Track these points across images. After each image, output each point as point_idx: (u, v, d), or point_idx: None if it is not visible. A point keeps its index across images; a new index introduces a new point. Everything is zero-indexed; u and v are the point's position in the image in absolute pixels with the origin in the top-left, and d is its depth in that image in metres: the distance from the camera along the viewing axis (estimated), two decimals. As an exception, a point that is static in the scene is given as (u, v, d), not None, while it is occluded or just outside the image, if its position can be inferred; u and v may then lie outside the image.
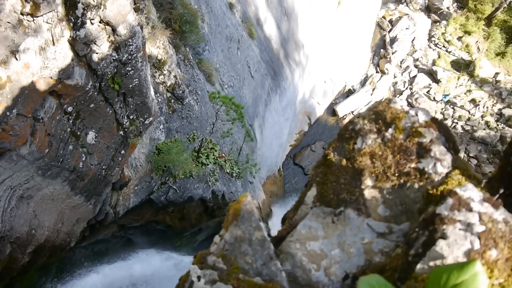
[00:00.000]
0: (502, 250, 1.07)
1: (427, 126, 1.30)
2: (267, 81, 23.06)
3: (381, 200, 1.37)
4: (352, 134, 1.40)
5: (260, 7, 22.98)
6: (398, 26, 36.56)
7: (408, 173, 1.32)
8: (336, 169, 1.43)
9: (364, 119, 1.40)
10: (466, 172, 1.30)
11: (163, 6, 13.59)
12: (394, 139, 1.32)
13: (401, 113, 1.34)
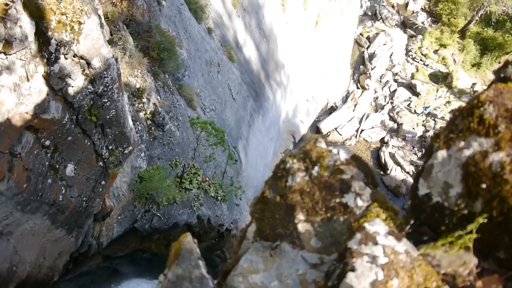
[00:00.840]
0: (403, 279, 1.17)
1: (348, 163, 1.41)
2: (249, 103, 23.28)
3: (313, 233, 1.47)
4: (283, 172, 1.50)
5: (238, 30, 23.36)
6: (375, 42, 37.38)
7: (334, 207, 1.42)
8: (272, 206, 1.53)
9: (294, 158, 1.51)
10: (384, 204, 1.40)
11: (140, 35, 13.76)
12: (320, 177, 1.43)
13: (325, 152, 1.45)
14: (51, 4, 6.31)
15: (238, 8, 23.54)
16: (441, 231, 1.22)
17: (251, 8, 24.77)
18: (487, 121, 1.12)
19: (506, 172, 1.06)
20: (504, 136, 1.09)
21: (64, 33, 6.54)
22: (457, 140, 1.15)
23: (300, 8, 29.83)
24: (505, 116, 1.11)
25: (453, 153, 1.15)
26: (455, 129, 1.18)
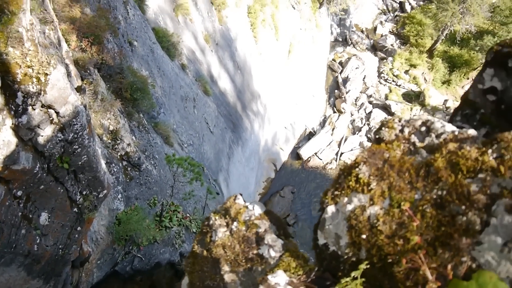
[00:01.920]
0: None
1: (261, 218, 1.55)
2: (227, 134, 23.48)
3: (238, 282, 1.59)
4: (208, 228, 1.64)
5: (212, 64, 23.79)
6: (348, 66, 38.36)
7: (252, 258, 1.55)
8: (200, 260, 1.65)
9: (216, 215, 1.64)
10: (294, 254, 1.54)
11: (112, 77, 13.93)
12: (238, 231, 1.56)
13: (242, 208, 1.59)
14: (16, 58, 6.44)
15: (211, 43, 24.05)
16: (339, 277, 1.35)
17: (223, 42, 25.33)
18: (362, 180, 1.28)
19: (380, 224, 1.21)
20: (376, 192, 1.24)
21: (31, 85, 6.65)
22: (341, 197, 1.31)
23: (272, 39, 30.59)
24: (376, 175, 1.27)
25: (340, 208, 1.30)
26: (339, 187, 1.33)
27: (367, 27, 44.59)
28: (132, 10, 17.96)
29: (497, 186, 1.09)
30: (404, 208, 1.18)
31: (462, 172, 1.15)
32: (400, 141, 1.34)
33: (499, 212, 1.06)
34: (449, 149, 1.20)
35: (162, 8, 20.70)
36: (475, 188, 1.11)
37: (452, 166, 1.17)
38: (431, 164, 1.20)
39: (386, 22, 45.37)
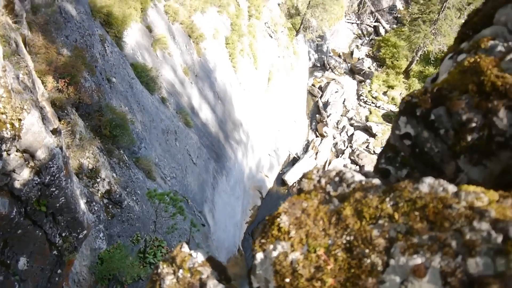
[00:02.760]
0: None
1: (204, 265, 1.65)
2: (211, 165, 23.53)
3: (186, 327, 1.68)
4: (157, 277, 1.73)
5: (192, 96, 24.05)
6: (327, 91, 39.05)
7: (197, 304, 1.64)
8: (152, 307, 1.74)
9: (164, 263, 1.74)
10: (237, 297, 1.66)
11: (91, 115, 13.99)
12: (184, 278, 1.66)
13: (187, 256, 1.69)
14: (-11, 105, 6.52)
15: (190, 75, 24.38)
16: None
17: (203, 73, 25.69)
18: (283, 229, 1.40)
19: (301, 268, 1.32)
20: (295, 239, 1.36)
21: (5, 131, 6.70)
22: (267, 244, 1.42)
23: (251, 68, 31.12)
24: (295, 223, 1.39)
25: (267, 255, 1.42)
26: (265, 236, 1.45)
27: (344, 52, 45.72)
28: (110, 47, 18.21)
29: (393, 231, 1.21)
30: (320, 253, 1.30)
31: (366, 219, 1.28)
32: (317, 191, 1.47)
33: (396, 254, 1.19)
34: (356, 198, 1.33)
35: (140, 43, 21.02)
36: (376, 233, 1.24)
37: (358, 213, 1.30)
38: (341, 212, 1.33)
39: (362, 46, 46.58)
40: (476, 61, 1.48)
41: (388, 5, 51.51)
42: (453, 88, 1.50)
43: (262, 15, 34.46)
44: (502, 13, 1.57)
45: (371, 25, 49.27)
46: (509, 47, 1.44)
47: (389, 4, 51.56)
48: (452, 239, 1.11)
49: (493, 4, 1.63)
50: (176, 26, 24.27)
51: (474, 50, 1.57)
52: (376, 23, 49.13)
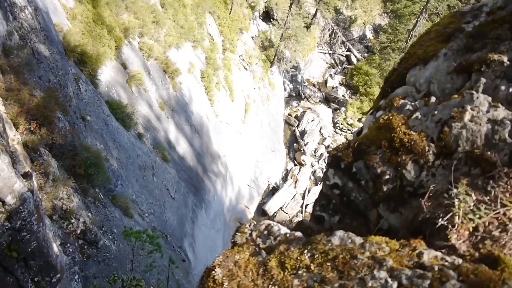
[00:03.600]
0: None
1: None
2: (190, 199, 23.42)
3: None
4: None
5: (169, 130, 24.14)
6: (304, 120, 39.68)
7: None
8: None
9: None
10: None
11: (65, 154, 13.90)
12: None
13: None
14: (-43, 153, 6.50)
15: (166, 109, 24.54)
16: None
17: (179, 108, 25.89)
18: (217, 281, 1.53)
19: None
20: (228, 289, 1.50)
21: (-27, 178, 6.67)
22: (208, 295, 1.55)
23: (227, 100, 31.52)
24: (228, 275, 1.52)
25: (206, 304, 1.54)
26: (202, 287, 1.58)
27: (318, 81, 46.77)
28: (84, 86, 18.29)
29: (311, 280, 1.35)
30: (250, 302, 1.43)
31: (288, 269, 1.41)
32: (249, 243, 1.60)
33: (313, 301, 1.33)
34: (280, 250, 1.47)
35: (115, 80, 21.17)
36: (297, 282, 1.37)
37: (282, 264, 1.43)
38: (267, 264, 1.46)
39: (335, 75, 47.79)
40: (389, 119, 1.66)
41: (358, 34, 53.27)
42: (370, 143, 1.67)
43: (236, 48, 35.19)
44: (412, 74, 1.77)
45: (343, 54, 50.72)
46: (416, 106, 1.63)
47: (359, 34, 53.33)
48: (358, 287, 1.26)
49: (405, 65, 1.83)
50: (151, 62, 24.57)
51: (389, 108, 1.76)
52: (348, 53, 50.62)
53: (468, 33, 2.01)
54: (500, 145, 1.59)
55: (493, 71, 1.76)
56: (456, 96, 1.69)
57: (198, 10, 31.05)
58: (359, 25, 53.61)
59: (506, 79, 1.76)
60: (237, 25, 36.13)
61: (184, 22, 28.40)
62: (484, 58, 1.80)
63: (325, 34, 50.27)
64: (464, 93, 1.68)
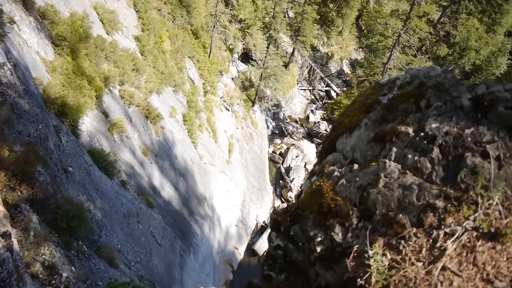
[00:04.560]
0: None
1: None
2: (177, 244, 23.14)
3: None
4: None
5: (153, 176, 24.11)
6: (288, 156, 40.01)
7: None
8: None
9: None
10: None
11: (47, 208, 13.79)
12: None
13: None
14: None
15: (149, 155, 24.60)
16: None
17: (162, 152, 25.98)
18: None
19: None
20: None
21: (-50, 242, 6.64)
22: None
23: (210, 142, 31.76)
24: None
25: None
26: None
27: (300, 117, 47.53)
28: (65, 137, 18.34)
29: None
30: None
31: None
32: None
33: None
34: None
35: (97, 129, 21.29)
36: None
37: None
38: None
39: (316, 110, 48.67)
40: (320, 185, 1.84)
41: (336, 70, 54.73)
42: (305, 208, 1.85)
43: (217, 90, 35.82)
44: (340, 142, 1.97)
45: (322, 89, 51.87)
46: (342, 173, 1.82)
47: (337, 69, 54.80)
48: None
49: (335, 133, 2.04)
50: (133, 108, 24.83)
51: (321, 173, 1.94)
52: (327, 88, 51.80)
53: (383, 105, 2.24)
54: (410, 207, 1.77)
55: (402, 141, 1.97)
56: (373, 164, 1.88)
57: (177, 56, 31.74)
58: (336, 61, 55.17)
59: (413, 149, 1.97)
60: (217, 67, 36.91)
61: (164, 68, 28.96)
62: (394, 129, 2.02)
63: (303, 71, 51.53)
64: (379, 161, 1.87)
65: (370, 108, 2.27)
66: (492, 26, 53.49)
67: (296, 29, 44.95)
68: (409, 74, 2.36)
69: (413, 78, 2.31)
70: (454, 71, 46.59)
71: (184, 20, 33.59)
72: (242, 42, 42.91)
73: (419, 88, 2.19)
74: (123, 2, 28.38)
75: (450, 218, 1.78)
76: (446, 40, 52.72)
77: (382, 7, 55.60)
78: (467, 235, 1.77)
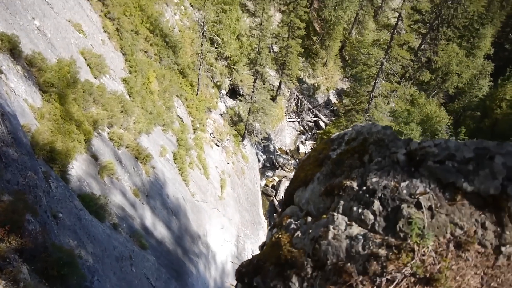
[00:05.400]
0: None
1: None
2: (172, 285, 22.77)
3: None
4: None
5: (145, 216, 23.96)
6: (281, 189, 40.02)
7: None
8: None
9: None
10: None
11: (36, 257, 13.65)
12: None
13: None
14: None
15: (141, 196, 24.51)
16: None
17: (153, 192, 25.90)
18: None
19: None
20: None
21: None
22: None
23: (202, 179, 31.76)
24: None
25: None
26: None
27: (291, 149, 47.88)
28: (55, 183, 18.30)
29: None
30: None
31: None
32: None
33: None
34: None
35: (86, 173, 21.28)
36: None
37: None
38: None
39: (306, 141, 49.10)
40: (278, 237, 1.98)
41: (323, 100, 55.61)
42: (266, 259, 1.98)
43: (206, 127, 36.13)
44: (297, 195, 2.12)
45: (311, 120, 52.51)
46: (298, 226, 1.96)
47: (324, 100, 55.68)
48: None
49: (293, 186, 2.19)
50: (122, 150, 24.92)
51: (280, 226, 2.09)
52: (315, 118, 52.47)
53: (333, 160, 2.42)
54: (356, 257, 1.91)
55: (348, 195, 2.14)
56: (324, 216, 2.02)
57: (165, 95, 32.16)
58: (322, 91, 56.13)
59: (357, 201, 2.13)
60: (205, 104, 37.37)
61: (152, 108, 29.28)
62: (341, 183, 2.18)
63: (291, 103, 52.28)
64: (329, 214, 2.02)
65: (322, 163, 2.44)
66: (472, 50, 55.08)
67: (281, 63, 45.90)
68: (355, 130, 2.55)
69: (357, 135, 2.49)
70: (438, 95, 47.59)
71: (171, 60, 34.22)
72: (229, 78, 43.65)
73: (363, 144, 2.37)
74: (109, 46, 28.96)
75: (391, 266, 1.92)
76: (428, 66, 54.07)
77: (364, 37, 57.25)
78: (406, 281, 1.91)
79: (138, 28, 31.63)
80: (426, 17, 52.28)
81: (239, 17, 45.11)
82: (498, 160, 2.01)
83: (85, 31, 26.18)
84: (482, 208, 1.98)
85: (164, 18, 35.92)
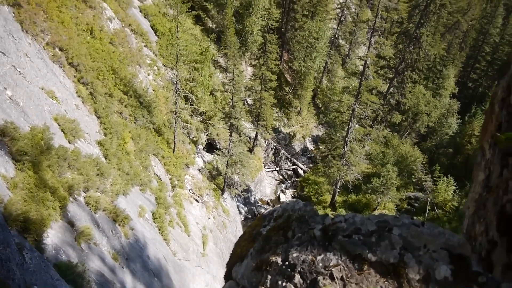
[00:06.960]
0: None
1: None
2: None
3: None
4: None
5: (126, 281, 23.28)
6: (264, 240, 39.60)
7: None
8: None
9: None
10: None
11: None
12: None
13: None
14: None
15: (120, 259, 23.92)
16: None
17: (134, 255, 25.33)
18: None
19: None
20: None
21: None
22: None
23: (183, 236, 31.29)
24: None
25: None
26: None
27: (271, 198, 47.84)
28: (29, 254, 17.80)
29: None
30: None
31: None
32: None
33: None
34: None
35: (62, 240, 20.79)
36: None
37: None
38: None
39: (286, 190, 49.24)
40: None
41: (300, 148, 56.42)
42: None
43: (185, 183, 36.03)
44: (234, 270, 2.30)
45: (289, 169, 52.94)
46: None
47: (301, 147, 56.51)
48: None
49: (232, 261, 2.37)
50: (99, 214, 24.56)
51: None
52: (294, 166, 52.95)
53: (263, 236, 2.65)
54: None
55: (274, 269, 2.34)
56: (256, 291, 2.21)
57: (142, 155, 32.23)
58: (299, 139, 57.06)
59: (282, 276, 2.34)
60: (183, 161, 37.47)
61: (129, 169, 29.23)
62: (268, 259, 2.39)
63: (269, 153, 52.84)
64: (258, 289, 2.21)
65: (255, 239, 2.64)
66: (438, 90, 57.41)
67: (256, 114, 46.84)
68: (281, 208, 2.81)
69: (283, 212, 2.74)
70: (411, 135, 48.69)
71: (146, 120, 34.59)
72: (205, 133, 44.14)
73: (287, 221, 2.60)
74: (84, 110, 29.24)
75: (312, 336, 2.08)
76: (398, 108, 55.93)
77: (334, 84, 59.26)
78: None
79: (112, 91, 32.13)
80: (391, 63, 54.73)
81: (212, 73, 46.34)
82: (396, 232, 2.30)
83: (58, 97, 26.47)
84: (386, 275, 2.20)
85: (138, 79, 36.64)
